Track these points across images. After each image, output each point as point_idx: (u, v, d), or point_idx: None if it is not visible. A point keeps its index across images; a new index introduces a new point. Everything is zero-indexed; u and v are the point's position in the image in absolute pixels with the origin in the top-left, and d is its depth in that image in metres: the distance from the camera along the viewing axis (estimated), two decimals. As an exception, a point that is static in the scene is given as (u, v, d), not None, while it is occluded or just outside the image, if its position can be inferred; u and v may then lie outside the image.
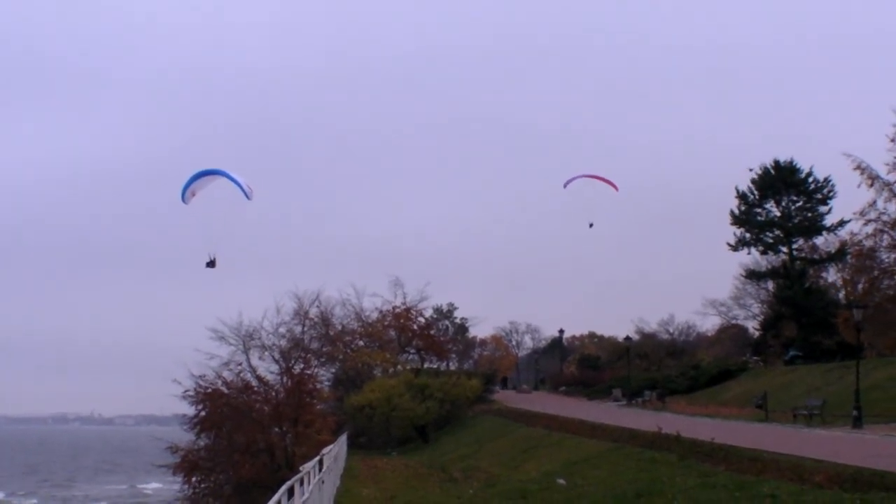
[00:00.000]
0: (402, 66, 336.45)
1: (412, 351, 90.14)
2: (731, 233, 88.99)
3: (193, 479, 54.95)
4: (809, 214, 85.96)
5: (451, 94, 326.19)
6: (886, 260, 59.06)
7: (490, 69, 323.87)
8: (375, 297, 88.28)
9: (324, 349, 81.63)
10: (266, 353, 72.77)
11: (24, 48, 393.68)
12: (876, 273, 59.51)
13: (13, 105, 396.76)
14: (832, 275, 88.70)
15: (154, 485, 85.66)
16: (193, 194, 35.86)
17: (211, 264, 35.86)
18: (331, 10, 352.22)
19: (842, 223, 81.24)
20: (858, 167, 57.82)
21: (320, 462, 25.13)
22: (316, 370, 70.00)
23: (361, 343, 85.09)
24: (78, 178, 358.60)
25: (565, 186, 49.27)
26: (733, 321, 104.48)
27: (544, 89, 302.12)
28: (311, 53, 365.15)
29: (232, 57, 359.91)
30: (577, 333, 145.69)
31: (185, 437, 57.16)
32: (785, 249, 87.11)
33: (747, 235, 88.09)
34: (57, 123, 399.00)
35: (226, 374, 60.38)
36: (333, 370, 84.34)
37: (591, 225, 50.68)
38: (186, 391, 55.05)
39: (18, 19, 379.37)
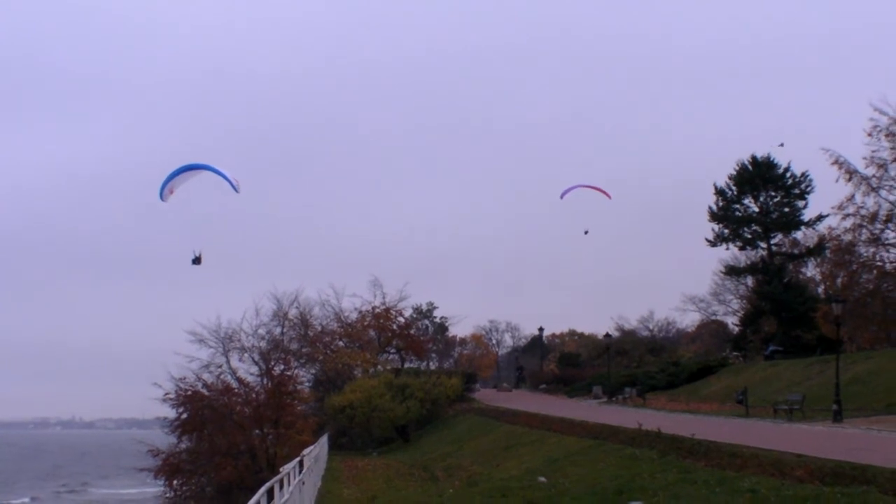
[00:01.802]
0: (389, 69, 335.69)
1: (392, 351, 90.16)
2: (710, 229, 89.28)
3: (175, 482, 54.78)
4: (787, 209, 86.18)
5: (438, 96, 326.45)
6: (865, 254, 59.05)
7: (478, 71, 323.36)
8: (355, 298, 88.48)
9: (303, 350, 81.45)
10: (246, 355, 72.59)
11: (24, 55, 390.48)
12: (855, 267, 59.51)
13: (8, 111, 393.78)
14: (811, 269, 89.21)
15: None
16: (172, 192, 35.57)
17: (196, 261, 35.69)
18: (312, 13, 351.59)
19: (820, 218, 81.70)
20: (836, 162, 57.82)
21: (301, 463, 25.03)
22: (296, 371, 69.85)
23: (341, 343, 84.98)
24: (59, 185, 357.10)
25: (562, 197, 52.71)
26: (713, 317, 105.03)
27: (530, 89, 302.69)
28: (300, 56, 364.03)
29: (225, 59, 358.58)
30: (558, 331, 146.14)
31: (166, 440, 56.97)
32: (763, 245, 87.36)
33: (726, 231, 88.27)
34: (45, 130, 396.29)
35: (206, 376, 60.40)
36: (314, 371, 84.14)
37: (586, 232, 54.27)
38: (167, 394, 54.93)
39: (19, 27, 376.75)
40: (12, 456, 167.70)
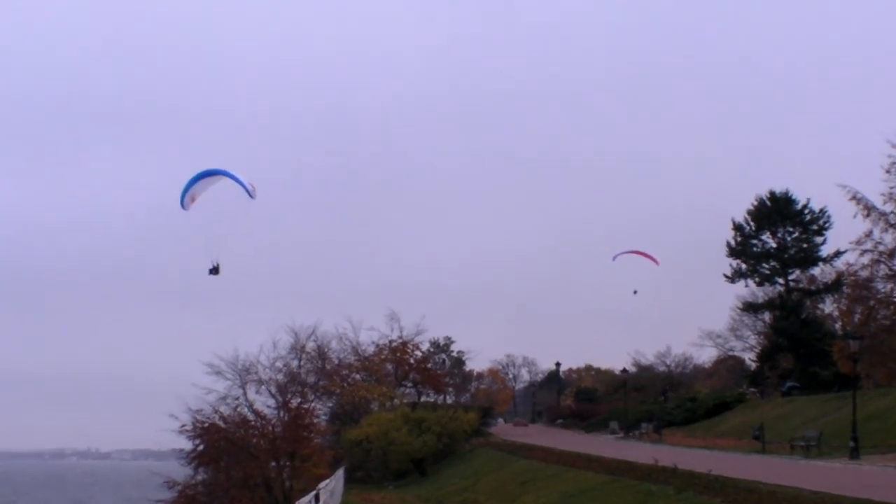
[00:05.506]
0: (412, 102, 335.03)
1: (409, 384, 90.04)
2: (728, 264, 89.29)
3: (191, 513, 54.82)
4: (805, 245, 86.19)
5: (460, 132, 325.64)
6: (883, 290, 59.05)
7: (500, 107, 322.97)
8: (372, 331, 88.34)
9: (320, 383, 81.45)
10: (263, 388, 72.60)
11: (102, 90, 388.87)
12: (872, 303, 59.44)
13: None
14: (829, 306, 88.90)
15: None
16: (193, 199, 35.46)
17: (214, 271, 35.43)
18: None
19: (838, 254, 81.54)
20: (854, 198, 57.86)
21: (316, 496, 25.11)
22: (313, 404, 69.95)
23: (358, 377, 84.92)
24: (85, 216, 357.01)
25: (614, 259, 59.86)
26: (730, 353, 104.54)
27: (542, 123, 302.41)
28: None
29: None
30: (574, 366, 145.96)
31: (182, 472, 57.04)
32: (781, 281, 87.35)
33: (744, 267, 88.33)
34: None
35: (223, 408, 60.43)
36: (330, 404, 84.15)
37: (634, 292, 62.09)
38: (184, 426, 54.94)
39: (102, 60, 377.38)
40: (49, 487, 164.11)
